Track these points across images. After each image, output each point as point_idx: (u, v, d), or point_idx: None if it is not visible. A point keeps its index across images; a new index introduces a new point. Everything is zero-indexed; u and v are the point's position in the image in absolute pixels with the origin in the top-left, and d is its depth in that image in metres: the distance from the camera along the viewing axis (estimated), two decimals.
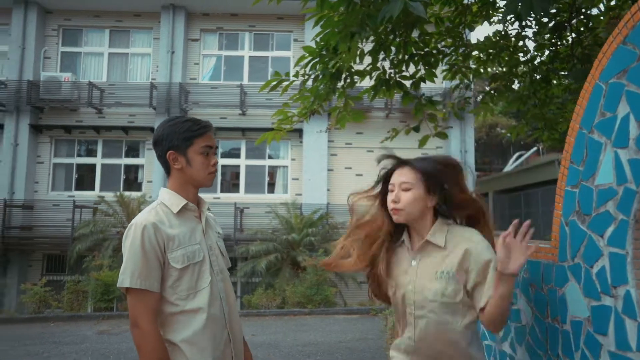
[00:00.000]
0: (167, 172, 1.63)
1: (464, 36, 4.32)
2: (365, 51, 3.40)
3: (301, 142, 11.47)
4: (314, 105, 3.73)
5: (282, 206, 10.62)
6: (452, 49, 4.23)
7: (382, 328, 6.39)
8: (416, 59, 3.73)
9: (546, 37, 4.36)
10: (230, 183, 11.99)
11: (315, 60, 3.35)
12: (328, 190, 11.25)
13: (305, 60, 3.36)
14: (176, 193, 1.60)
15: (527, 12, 2.16)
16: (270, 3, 3.48)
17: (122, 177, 11.85)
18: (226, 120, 11.34)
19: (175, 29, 11.65)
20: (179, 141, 1.57)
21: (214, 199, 10.95)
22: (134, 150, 12.04)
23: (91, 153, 12.00)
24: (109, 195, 10.50)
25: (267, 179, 11.82)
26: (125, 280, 1.45)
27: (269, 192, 11.74)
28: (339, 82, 3.55)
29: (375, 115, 11.44)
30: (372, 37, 3.36)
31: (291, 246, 9.93)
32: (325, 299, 8.81)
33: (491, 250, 1.48)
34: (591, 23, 4.08)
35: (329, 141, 11.40)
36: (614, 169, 1.28)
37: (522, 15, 2.17)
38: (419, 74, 3.87)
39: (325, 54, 3.31)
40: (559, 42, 4.39)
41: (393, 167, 1.59)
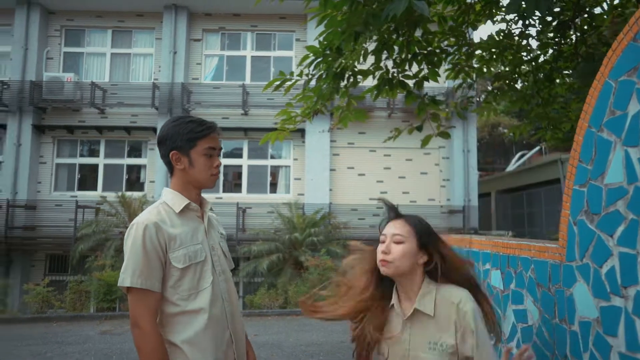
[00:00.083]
0: (170, 171, 1.63)
1: (467, 35, 4.30)
2: (368, 50, 3.39)
3: (303, 142, 11.46)
4: (317, 105, 3.72)
5: (284, 206, 10.61)
6: (455, 48, 4.21)
7: None
8: (419, 58, 3.72)
9: (550, 36, 4.33)
10: (233, 183, 11.99)
11: (319, 59, 3.34)
12: (330, 190, 11.23)
13: (308, 60, 3.35)
14: (179, 193, 1.60)
15: (532, 9, 2.15)
16: (272, 2, 3.49)
17: (125, 177, 11.85)
18: (228, 120, 11.33)
19: (178, 29, 11.65)
20: (183, 142, 1.56)
21: (216, 199, 10.95)
22: (136, 151, 12.04)
23: (94, 153, 12.02)
24: (111, 195, 10.51)
25: (269, 179, 11.81)
26: (125, 279, 1.44)
27: (271, 192, 11.74)
28: (342, 81, 3.54)
29: (378, 115, 11.43)
30: (375, 37, 3.35)
31: (293, 246, 9.92)
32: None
33: (478, 318, 1.40)
34: (595, 22, 4.05)
35: (331, 141, 11.39)
36: (624, 167, 1.26)
37: (527, 12, 2.15)
38: (422, 73, 3.86)
39: (329, 53, 3.30)
40: (562, 41, 4.37)
41: (387, 219, 1.55)
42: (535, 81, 4.46)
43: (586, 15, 4.07)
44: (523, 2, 2.14)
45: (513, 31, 4.29)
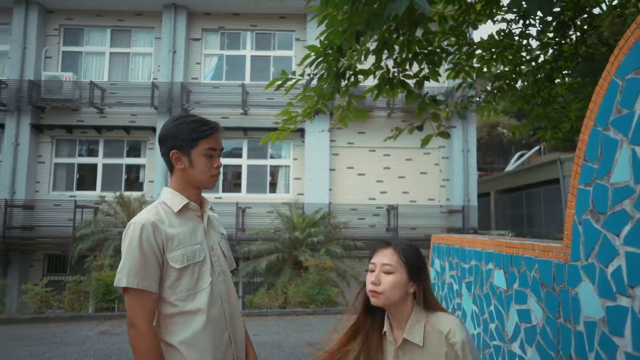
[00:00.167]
0: (171, 170, 1.62)
1: (468, 35, 4.29)
2: (369, 50, 3.38)
3: (303, 141, 11.45)
4: (318, 105, 3.70)
5: (284, 206, 10.60)
6: (456, 47, 4.20)
7: None
8: (420, 57, 3.71)
9: (550, 35, 4.33)
10: (232, 183, 11.97)
11: (320, 59, 3.33)
12: (330, 190, 11.23)
13: (309, 59, 3.34)
14: (178, 192, 1.58)
15: (536, 9, 2.14)
16: (271, 1, 3.47)
17: (124, 177, 11.83)
18: (228, 120, 11.31)
19: (177, 28, 11.63)
20: (183, 141, 1.54)
21: (216, 198, 10.93)
22: (135, 150, 12.02)
23: (92, 153, 11.99)
24: (110, 195, 10.49)
25: (269, 178, 11.80)
26: (122, 279, 1.43)
27: (270, 192, 11.72)
28: (343, 81, 3.53)
29: (377, 114, 11.42)
30: (375, 36, 3.34)
31: (293, 246, 9.90)
32: (328, 299, 8.79)
33: (467, 350, 1.39)
34: (595, 22, 4.05)
35: (331, 141, 11.38)
36: (630, 166, 1.25)
37: (530, 12, 2.15)
38: (422, 73, 3.85)
39: (330, 53, 3.29)
40: (562, 41, 4.36)
41: (378, 247, 1.54)
42: (535, 81, 4.45)
43: (586, 15, 4.06)
44: (524, 2, 2.13)
45: (513, 31, 4.28)
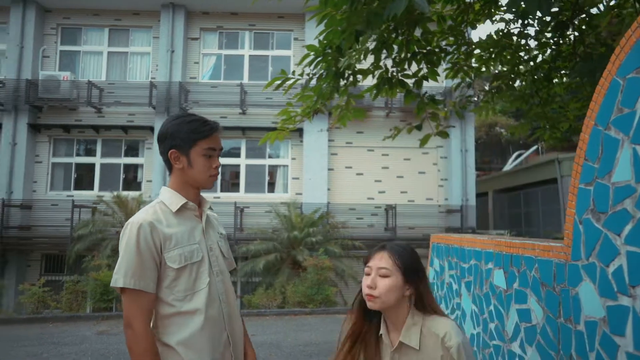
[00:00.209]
0: (169, 169, 1.61)
1: (466, 35, 4.30)
2: (369, 49, 3.38)
3: (301, 141, 11.44)
4: (317, 105, 3.70)
5: (282, 205, 10.59)
6: (454, 47, 4.20)
7: None
8: (418, 57, 3.71)
9: (548, 35, 4.34)
10: (230, 182, 11.96)
11: (319, 59, 3.32)
12: (328, 189, 11.22)
13: (308, 59, 3.33)
14: (176, 192, 1.57)
15: (535, 10, 2.14)
16: (269, 0, 3.46)
17: (122, 176, 11.80)
18: (226, 120, 11.29)
19: (175, 27, 11.60)
20: (182, 141, 1.53)
21: (214, 198, 10.92)
22: (133, 150, 11.99)
23: (90, 152, 11.95)
24: (108, 195, 10.46)
25: (267, 178, 11.79)
26: (119, 280, 1.42)
27: (269, 192, 11.71)
28: (342, 80, 3.53)
29: (376, 114, 11.42)
30: (374, 36, 3.34)
31: (291, 245, 9.89)
32: (326, 299, 8.79)
33: (463, 353, 1.38)
34: (593, 22, 4.06)
35: (329, 140, 11.38)
36: (632, 165, 1.25)
37: (529, 12, 2.15)
38: (421, 72, 3.85)
39: (329, 52, 3.29)
40: (561, 41, 4.37)
41: (373, 250, 1.54)
42: (533, 81, 4.46)
43: (584, 15, 4.07)
44: (523, 2, 2.13)
45: (512, 31, 4.29)
